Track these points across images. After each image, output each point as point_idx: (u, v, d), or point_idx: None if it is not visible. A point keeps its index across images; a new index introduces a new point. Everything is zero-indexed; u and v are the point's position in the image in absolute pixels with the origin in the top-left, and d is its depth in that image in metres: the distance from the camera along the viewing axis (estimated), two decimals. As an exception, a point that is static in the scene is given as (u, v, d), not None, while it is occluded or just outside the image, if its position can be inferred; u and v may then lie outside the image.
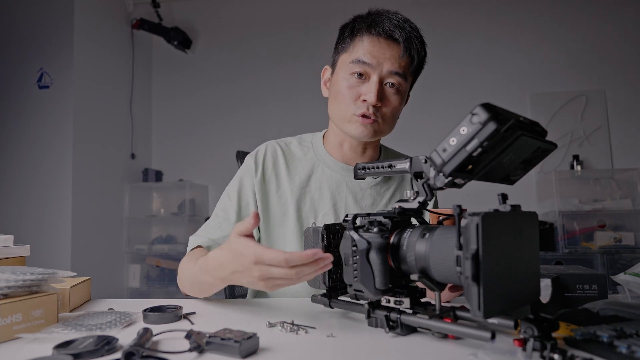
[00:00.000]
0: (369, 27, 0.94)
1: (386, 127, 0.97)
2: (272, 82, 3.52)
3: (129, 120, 3.45)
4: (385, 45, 0.92)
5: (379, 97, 0.91)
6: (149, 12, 3.51)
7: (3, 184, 2.86)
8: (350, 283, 0.63)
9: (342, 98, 0.95)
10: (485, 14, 3.40)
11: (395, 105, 0.95)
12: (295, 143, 1.09)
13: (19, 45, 2.91)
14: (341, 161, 1.05)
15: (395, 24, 0.92)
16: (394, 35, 0.92)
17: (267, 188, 1.03)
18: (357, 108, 0.93)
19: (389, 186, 1.07)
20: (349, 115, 0.95)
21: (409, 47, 0.92)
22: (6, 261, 0.82)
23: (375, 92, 0.91)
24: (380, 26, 0.92)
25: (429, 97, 3.37)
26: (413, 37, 0.93)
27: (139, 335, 0.57)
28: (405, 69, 0.93)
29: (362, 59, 0.92)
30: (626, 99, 3.18)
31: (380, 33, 0.92)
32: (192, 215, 3.36)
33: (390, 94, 0.94)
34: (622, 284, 0.87)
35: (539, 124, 0.56)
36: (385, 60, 0.92)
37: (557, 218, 2.87)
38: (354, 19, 0.99)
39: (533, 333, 0.49)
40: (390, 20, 0.93)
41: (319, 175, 1.04)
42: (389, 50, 0.92)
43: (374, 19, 0.94)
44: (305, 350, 0.57)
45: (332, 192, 1.03)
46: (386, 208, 1.04)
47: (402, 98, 0.96)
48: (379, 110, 0.93)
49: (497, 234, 0.47)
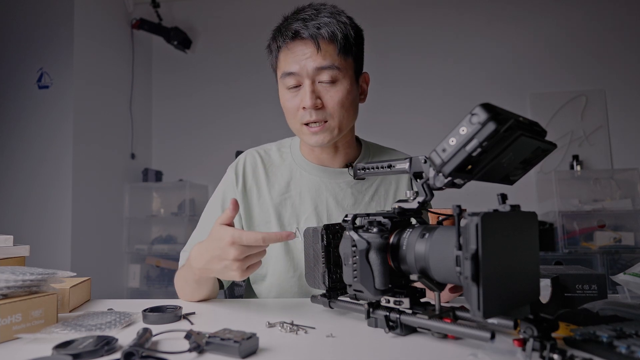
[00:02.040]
0: (278, 40, 0.94)
1: (340, 122, 0.93)
2: (272, 82, 3.47)
3: (129, 120, 3.45)
4: (300, 47, 0.91)
5: (314, 99, 0.90)
6: (148, 12, 3.51)
7: (3, 184, 2.86)
8: (350, 283, 0.63)
9: (288, 112, 0.96)
10: (485, 14, 3.40)
11: (340, 97, 0.91)
12: (274, 149, 1.09)
13: (18, 46, 2.91)
14: (318, 164, 1.04)
15: (301, 22, 0.90)
16: (300, 35, 0.90)
17: (249, 197, 1.04)
18: (301, 117, 0.93)
19: (370, 183, 1.05)
20: (298, 126, 0.95)
21: (322, 37, 0.89)
22: (6, 261, 0.82)
23: (308, 96, 0.90)
24: (287, 32, 0.91)
25: (428, 97, 3.38)
26: (322, 24, 0.89)
27: (139, 335, 0.57)
28: (331, 59, 0.90)
29: (287, 70, 0.92)
30: (626, 99, 3.18)
31: (289, 39, 0.91)
32: (192, 215, 3.36)
33: (327, 90, 0.91)
34: (621, 284, 0.86)
35: (539, 124, 0.56)
36: (306, 60, 0.90)
37: (556, 218, 2.87)
38: (272, 35, 0.98)
39: (533, 333, 0.49)
40: (295, 20, 0.91)
41: (298, 180, 1.04)
42: (305, 50, 0.90)
43: (280, 29, 0.94)
44: (304, 350, 0.57)
45: (312, 195, 1.02)
46: (369, 205, 1.04)
47: (344, 87, 0.92)
48: (323, 110, 0.92)
49: (497, 234, 0.47)
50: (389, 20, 3.42)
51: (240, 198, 1.03)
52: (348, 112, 0.94)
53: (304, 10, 0.93)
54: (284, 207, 1.02)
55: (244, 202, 1.03)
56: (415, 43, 3.44)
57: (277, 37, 0.95)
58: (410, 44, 3.43)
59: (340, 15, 0.93)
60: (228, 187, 1.05)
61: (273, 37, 0.97)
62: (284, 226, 1.01)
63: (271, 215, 1.02)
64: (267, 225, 1.02)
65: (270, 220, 1.02)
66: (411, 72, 3.40)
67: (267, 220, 1.02)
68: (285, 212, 1.02)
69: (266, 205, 1.03)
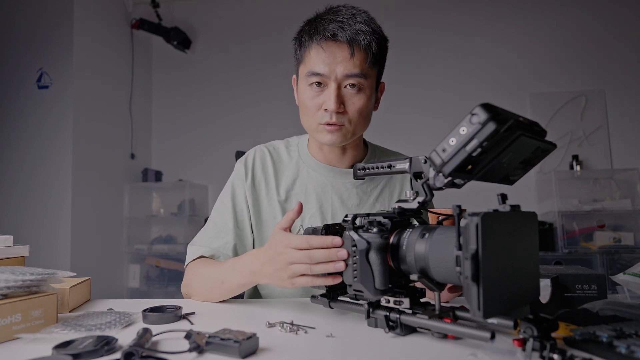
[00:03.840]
0: (312, 36, 0.92)
1: (356, 128, 0.95)
2: (272, 82, 3.50)
3: (129, 120, 3.45)
4: (333, 49, 0.90)
5: (338, 103, 0.90)
6: (148, 12, 3.51)
7: (3, 184, 2.86)
8: (350, 283, 0.63)
9: (307, 110, 0.95)
10: (485, 14, 3.40)
11: (361, 105, 0.92)
12: (282, 147, 1.10)
13: (18, 46, 2.91)
14: (324, 163, 1.05)
15: (338, 24, 0.89)
16: (337, 37, 0.89)
17: (258, 192, 1.04)
18: (321, 117, 0.93)
19: (375, 184, 1.06)
20: (315, 125, 0.95)
21: (358, 44, 0.89)
22: (6, 261, 0.82)
23: (333, 99, 0.89)
24: (322, 32, 0.90)
25: (428, 97, 3.38)
26: (359, 31, 0.89)
27: (139, 335, 0.57)
28: (361, 67, 0.90)
29: (315, 70, 0.91)
30: (626, 99, 3.18)
31: (324, 38, 0.90)
32: (192, 215, 3.36)
33: (351, 96, 0.92)
34: (621, 284, 0.86)
35: (539, 124, 0.56)
36: (337, 64, 0.89)
37: (556, 218, 2.87)
38: (301, 28, 0.97)
39: (532, 333, 0.49)
40: (332, 21, 0.90)
41: (304, 178, 1.05)
42: (339, 54, 0.89)
43: (316, 25, 0.92)
44: (304, 350, 0.57)
45: (318, 194, 1.03)
46: (374, 207, 1.04)
47: (367, 95, 0.93)
48: (343, 115, 0.92)
49: (497, 234, 0.47)
50: (388, 21, 3.40)
51: (249, 192, 1.03)
52: (365, 120, 0.96)
53: (340, 11, 0.91)
54: (289, 203, 1.03)
55: (252, 196, 1.03)
56: (415, 43, 3.44)
57: (312, 33, 0.92)
58: (410, 44, 3.43)
59: (375, 24, 0.92)
60: (237, 181, 1.05)
61: (306, 31, 0.94)
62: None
63: (277, 211, 1.02)
64: (274, 220, 1.02)
65: (277, 215, 1.02)
66: (411, 72, 3.39)
67: (274, 215, 1.03)
68: (291, 208, 1.02)
69: (273, 201, 1.03)
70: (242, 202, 1.04)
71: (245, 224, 1.03)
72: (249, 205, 1.03)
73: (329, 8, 0.94)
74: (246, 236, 1.03)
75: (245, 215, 1.03)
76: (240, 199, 1.04)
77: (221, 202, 1.06)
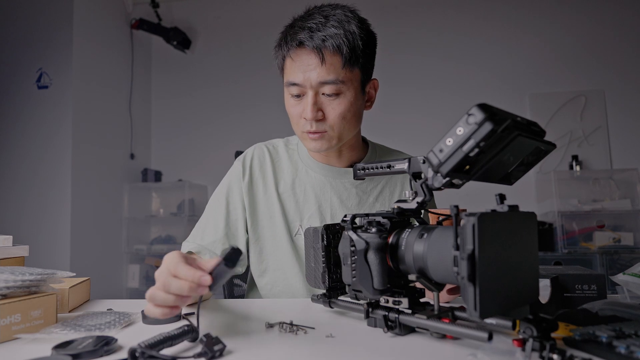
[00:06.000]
0: (284, 46, 0.91)
1: (341, 132, 0.93)
2: (272, 82, 3.48)
3: (128, 121, 3.45)
4: (303, 57, 0.88)
5: (315, 112, 0.89)
6: (148, 12, 3.51)
7: (2, 184, 2.85)
8: (349, 283, 0.63)
9: (291, 118, 0.96)
10: (484, 14, 3.40)
11: (342, 110, 0.90)
12: (282, 145, 1.09)
13: (18, 45, 2.91)
14: (323, 163, 1.04)
15: (307, 32, 0.87)
16: (305, 45, 0.87)
17: (255, 190, 1.04)
18: (303, 125, 0.93)
19: (375, 184, 1.05)
20: (299, 132, 0.96)
21: (327, 49, 0.86)
22: (5, 261, 0.82)
23: (309, 108, 0.88)
24: (291, 42, 0.89)
25: (427, 97, 3.38)
26: (328, 37, 0.86)
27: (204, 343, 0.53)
28: (335, 73, 0.87)
29: (291, 80, 0.90)
30: (625, 99, 3.18)
31: (293, 48, 0.89)
32: (192, 215, 3.35)
33: (330, 102, 0.90)
34: (621, 284, 0.87)
35: (537, 124, 0.56)
36: (310, 72, 0.87)
37: (556, 218, 2.87)
38: (279, 37, 0.95)
39: (532, 333, 0.50)
40: (302, 29, 0.88)
41: (303, 177, 1.04)
42: (310, 62, 0.88)
43: (287, 34, 0.91)
44: (304, 350, 0.57)
45: (317, 194, 1.02)
46: (373, 206, 1.04)
47: (348, 99, 0.90)
48: (323, 122, 0.91)
49: (494, 234, 0.47)
50: (388, 21, 3.42)
51: (245, 191, 1.03)
52: (349, 123, 0.93)
53: (313, 16, 0.89)
54: (288, 203, 1.03)
55: (249, 195, 1.03)
56: (415, 43, 3.44)
57: (283, 43, 0.92)
58: (410, 44, 3.43)
59: (350, 23, 0.88)
60: (234, 179, 1.05)
61: (281, 40, 0.94)
62: (287, 222, 1.02)
63: (275, 211, 1.02)
64: (272, 220, 1.02)
65: (275, 215, 1.02)
66: (411, 72, 3.40)
67: (271, 215, 1.02)
68: (289, 208, 1.02)
69: (271, 200, 1.03)
70: (236, 201, 1.03)
71: (239, 223, 1.03)
72: (245, 205, 1.03)
73: (306, 10, 0.93)
74: (238, 236, 1.03)
75: (240, 214, 1.03)
76: (235, 197, 1.04)
77: (215, 199, 1.06)
